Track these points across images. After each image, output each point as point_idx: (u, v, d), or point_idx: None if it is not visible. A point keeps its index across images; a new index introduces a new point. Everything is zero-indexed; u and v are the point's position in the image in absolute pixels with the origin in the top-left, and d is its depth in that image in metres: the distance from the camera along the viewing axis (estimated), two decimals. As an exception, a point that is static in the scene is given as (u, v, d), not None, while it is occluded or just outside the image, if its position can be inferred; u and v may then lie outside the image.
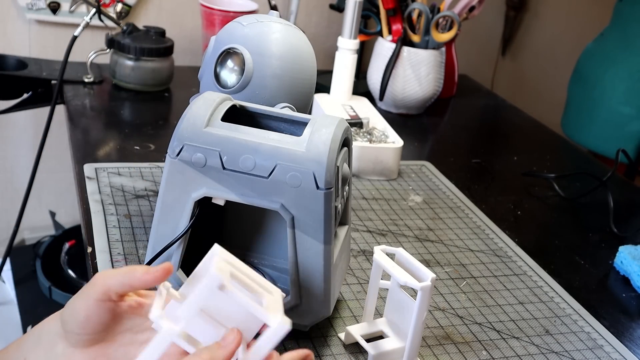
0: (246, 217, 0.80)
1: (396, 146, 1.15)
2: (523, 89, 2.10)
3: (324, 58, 1.60)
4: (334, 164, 0.68)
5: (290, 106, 0.80)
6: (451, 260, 0.96)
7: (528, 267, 0.97)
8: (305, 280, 0.71)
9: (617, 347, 0.84)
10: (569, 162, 1.42)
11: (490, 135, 1.52)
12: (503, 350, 0.80)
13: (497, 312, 0.87)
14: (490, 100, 1.69)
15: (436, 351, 0.79)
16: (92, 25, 1.32)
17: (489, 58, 2.08)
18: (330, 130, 0.70)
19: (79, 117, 1.25)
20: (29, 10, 1.50)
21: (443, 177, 1.19)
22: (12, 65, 1.39)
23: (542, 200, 1.19)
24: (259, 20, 0.83)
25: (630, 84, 1.68)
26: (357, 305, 0.84)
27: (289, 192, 0.68)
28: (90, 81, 1.37)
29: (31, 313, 1.53)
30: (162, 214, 0.73)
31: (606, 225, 1.12)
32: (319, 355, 0.75)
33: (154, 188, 1.01)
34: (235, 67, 0.81)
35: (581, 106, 1.78)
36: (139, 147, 1.15)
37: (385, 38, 1.46)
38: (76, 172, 1.04)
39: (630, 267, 0.99)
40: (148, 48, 1.33)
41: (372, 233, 1.00)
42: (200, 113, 0.70)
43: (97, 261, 0.84)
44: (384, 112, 1.45)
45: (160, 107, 1.35)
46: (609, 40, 1.74)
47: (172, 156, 0.70)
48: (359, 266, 0.92)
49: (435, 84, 1.45)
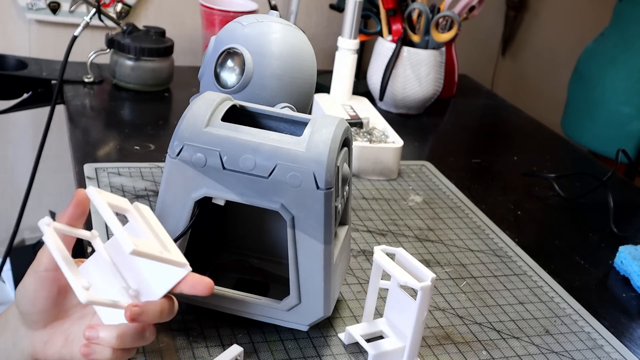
0: (246, 217, 0.80)
1: (396, 146, 1.15)
2: (523, 89, 2.10)
3: (324, 58, 1.60)
4: (334, 164, 0.68)
5: (290, 106, 0.80)
6: (451, 260, 0.96)
7: (528, 267, 0.97)
8: (305, 280, 0.71)
9: (617, 347, 0.84)
10: (569, 162, 1.42)
11: (490, 135, 1.52)
12: (503, 350, 0.80)
13: (497, 312, 0.87)
14: (490, 100, 1.69)
15: (436, 351, 0.79)
16: (92, 25, 1.32)
17: (489, 58, 2.08)
18: (331, 130, 0.70)
19: (79, 117, 1.25)
20: (29, 10, 1.50)
21: (443, 177, 1.19)
22: (12, 65, 1.39)
23: (542, 200, 1.19)
24: (259, 20, 0.83)
25: (630, 84, 1.68)
26: (357, 305, 0.84)
27: (289, 192, 0.68)
28: (90, 81, 1.37)
29: (31, 313, 1.53)
30: (162, 214, 0.72)
31: (606, 225, 1.12)
32: (319, 355, 0.75)
33: (154, 188, 1.01)
34: (235, 67, 0.81)
35: (581, 106, 1.78)
36: (139, 147, 1.15)
37: (385, 38, 1.46)
38: (76, 172, 1.04)
39: (630, 267, 0.99)
40: (148, 48, 1.33)
41: (372, 233, 1.00)
42: (200, 113, 0.70)
43: (97, 261, 0.84)
44: (384, 112, 1.45)
45: (160, 107, 1.35)
46: (609, 40, 1.74)
47: (172, 156, 0.70)
48: (359, 266, 0.92)
49: (435, 84, 1.45)
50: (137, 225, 0.59)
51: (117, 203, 0.59)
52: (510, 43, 2.07)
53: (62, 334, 0.61)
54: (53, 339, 0.61)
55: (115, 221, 0.55)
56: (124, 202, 0.60)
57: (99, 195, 0.57)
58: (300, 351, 0.75)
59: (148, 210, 0.62)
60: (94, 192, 0.57)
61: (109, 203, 0.57)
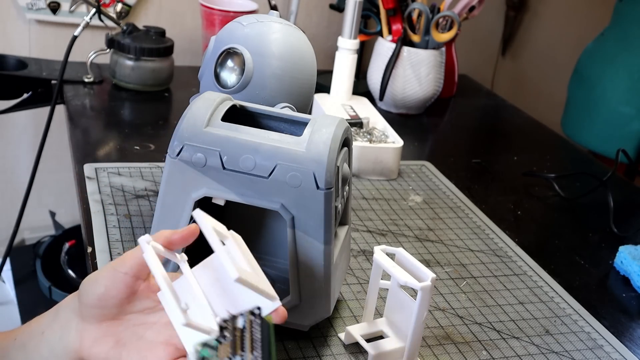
0: (246, 217, 0.80)
1: (396, 146, 1.15)
2: (523, 89, 2.10)
3: (324, 58, 1.60)
4: (334, 164, 0.68)
5: (290, 106, 0.80)
6: (451, 260, 0.96)
7: (528, 267, 0.97)
8: (305, 280, 0.71)
9: (617, 347, 0.84)
10: (569, 162, 1.42)
11: (490, 135, 1.52)
12: (503, 350, 0.80)
13: (497, 312, 0.87)
14: (490, 100, 1.69)
15: (436, 351, 0.79)
16: (92, 25, 1.32)
17: (489, 58, 2.08)
18: (331, 130, 0.70)
19: (79, 117, 1.25)
20: (29, 10, 1.50)
21: (443, 177, 1.19)
22: (12, 65, 1.39)
23: (542, 200, 1.19)
24: (259, 20, 0.83)
25: (630, 84, 1.68)
26: (357, 305, 0.84)
27: (289, 192, 0.68)
28: (90, 81, 1.37)
29: (31, 313, 1.52)
30: (162, 214, 0.73)
31: (606, 225, 1.12)
32: (319, 355, 0.75)
33: (154, 188, 1.01)
34: (235, 67, 0.81)
35: (581, 106, 1.78)
36: (139, 147, 1.15)
37: (385, 38, 1.46)
38: (76, 172, 1.04)
39: (630, 267, 0.99)
40: (148, 48, 1.33)
41: (372, 233, 1.00)
42: (200, 113, 0.70)
43: (97, 261, 0.84)
44: (384, 112, 1.45)
45: (160, 107, 1.35)
46: (609, 40, 1.74)
47: (172, 156, 0.70)
48: (359, 266, 0.92)
49: (435, 84, 1.45)
50: (235, 253, 0.59)
51: (219, 229, 0.59)
52: (510, 43, 2.07)
53: (114, 335, 0.61)
54: (104, 338, 0.61)
55: (221, 247, 0.56)
56: (223, 228, 0.60)
57: (205, 219, 0.58)
58: (300, 351, 0.75)
59: (240, 239, 0.62)
60: (202, 216, 0.58)
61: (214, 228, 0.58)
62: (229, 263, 0.54)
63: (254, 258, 0.62)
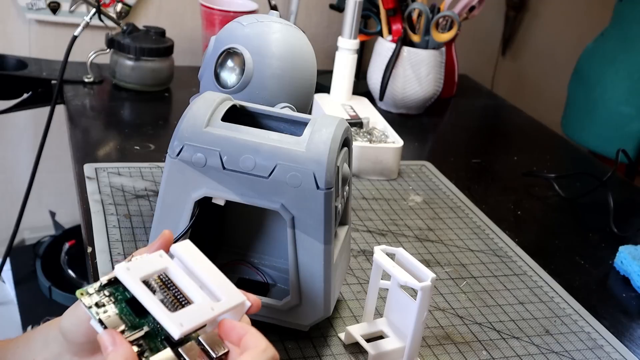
0: (246, 217, 0.80)
1: (396, 146, 1.15)
2: (523, 89, 2.10)
3: (324, 58, 1.60)
4: (334, 164, 0.68)
5: (290, 106, 0.80)
6: (451, 260, 0.96)
7: (528, 267, 0.97)
8: (305, 280, 0.71)
9: (617, 347, 0.84)
10: (569, 162, 1.42)
11: (490, 135, 1.52)
12: (503, 350, 0.80)
13: (497, 312, 0.87)
14: (490, 100, 1.69)
15: (436, 351, 0.79)
16: (92, 25, 1.31)
17: (489, 58, 2.08)
18: (331, 130, 0.70)
19: (79, 117, 1.25)
20: (29, 10, 1.50)
21: (443, 177, 1.19)
22: (12, 65, 1.39)
23: (542, 200, 1.19)
24: (259, 20, 0.83)
25: (630, 84, 1.68)
26: (357, 305, 0.84)
27: (289, 192, 0.68)
28: (90, 81, 1.37)
29: (31, 313, 1.53)
30: (162, 214, 0.73)
31: (606, 225, 1.12)
32: (319, 355, 0.75)
33: (154, 188, 1.01)
34: (235, 67, 0.81)
35: (581, 106, 1.78)
36: (139, 147, 1.15)
37: (385, 38, 1.46)
38: (76, 172, 1.04)
39: (630, 267, 0.99)
40: (148, 48, 1.33)
41: (372, 233, 1.00)
42: (200, 113, 0.70)
43: (97, 261, 0.84)
44: (384, 112, 1.45)
45: (160, 107, 1.35)
46: (609, 40, 1.74)
47: (172, 156, 0.70)
48: (359, 266, 0.92)
49: (435, 84, 1.45)
50: (181, 281, 0.55)
51: (153, 268, 0.55)
52: (510, 43, 2.07)
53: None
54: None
55: (153, 304, 0.52)
56: (159, 262, 0.56)
57: (128, 273, 0.53)
58: (300, 351, 0.75)
59: (187, 247, 0.58)
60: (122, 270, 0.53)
61: (144, 276, 0.54)
62: (167, 323, 0.51)
63: (208, 263, 0.57)
